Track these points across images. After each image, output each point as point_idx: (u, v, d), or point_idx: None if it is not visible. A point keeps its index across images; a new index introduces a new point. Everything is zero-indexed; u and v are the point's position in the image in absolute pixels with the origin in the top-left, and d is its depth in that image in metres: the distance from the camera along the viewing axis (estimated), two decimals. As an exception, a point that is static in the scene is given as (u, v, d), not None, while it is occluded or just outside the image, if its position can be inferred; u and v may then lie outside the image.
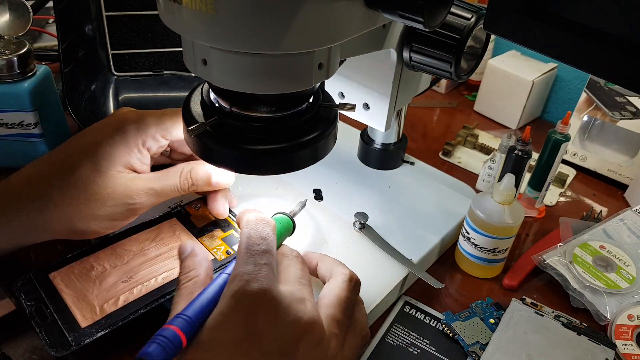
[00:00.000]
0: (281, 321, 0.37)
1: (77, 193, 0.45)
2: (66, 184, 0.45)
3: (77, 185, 0.45)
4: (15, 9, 0.60)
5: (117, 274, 0.48)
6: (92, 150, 0.46)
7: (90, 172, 0.45)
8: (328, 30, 0.34)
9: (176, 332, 0.36)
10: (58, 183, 0.45)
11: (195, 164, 0.51)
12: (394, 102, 0.53)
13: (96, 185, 0.45)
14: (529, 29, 0.33)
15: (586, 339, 0.50)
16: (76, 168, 0.45)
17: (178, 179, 0.49)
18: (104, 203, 0.46)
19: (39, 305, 0.45)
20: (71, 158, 0.46)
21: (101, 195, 0.45)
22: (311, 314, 0.39)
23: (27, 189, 0.45)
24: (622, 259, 0.58)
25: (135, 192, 0.47)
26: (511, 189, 0.53)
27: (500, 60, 0.84)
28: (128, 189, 0.47)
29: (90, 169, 0.45)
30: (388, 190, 0.62)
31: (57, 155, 0.47)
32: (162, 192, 0.49)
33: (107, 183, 0.46)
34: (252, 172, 0.42)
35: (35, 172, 0.46)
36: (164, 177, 0.49)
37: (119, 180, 0.46)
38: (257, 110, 0.39)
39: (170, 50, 0.75)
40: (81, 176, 0.45)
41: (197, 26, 0.32)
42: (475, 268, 0.57)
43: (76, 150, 0.47)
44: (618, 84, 0.36)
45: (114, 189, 0.46)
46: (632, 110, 0.71)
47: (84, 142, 0.47)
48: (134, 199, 0.47)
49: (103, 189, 0.45)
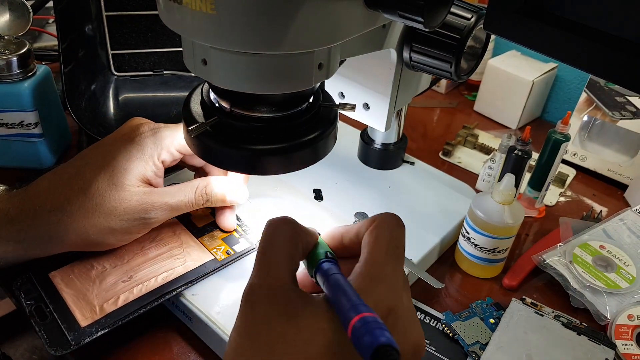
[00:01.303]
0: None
1: (94, 206, 0.45)
2: (83, 197, 0.45)
3: (94, 199, 0.45)
4: (15, 9, 0.60)
5: (117, 273, 0.48)
6: (108, 164, 0.46)
7: (106, 186, 0.45)
8: (328, 30, 0.34)
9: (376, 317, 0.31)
10: (75, 196, 0.45)
11: (210, 180, 0.51)
12: (394, 102, 0.53)
13: (112, 199, 0.45)
14: (529, 29, 0.33)
15: (586, 339, 0.50)
16: (92, 181, 0.45)
17: (193, 195, 0.50)
18: (120, 217, 0.46)
19: (39, 304, 0.45)
20: (87, 171, 0.46)
21: (117, 209, 0.46)
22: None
23: (45, 202, 0.45)
24: (622, 259, 0.58)
25: (150, 206, 0.47)
26: (511, 189, 0.53)
27: (500, 60, 0.84)
28: (144, 203, 0.47)
29: (106, 183, 0.46)
30: (388, 190, 0.62)
31: (73, 167, 0.47)
32: (177, 207, 0.49)
33: (123, 197, 0.46)
34: (252, 172, 0.42)
35: (52, 184, 0.46)
36: (179, 192, 0.49)
37: (135, 194, 0.46)
38: (257, 110, 0.39)
39: (170, 50, 0.75)
40: (98, 190, 0.45)
41: (197, 26, 0.32)
42: (475, 268, 0.57)
43: (92, 163, 0.47)
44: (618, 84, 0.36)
45: (130, 203, 0.46)
46: (632, 110, 0.71)
47: (99, 155, 0.47)
48: (149, 214, 0.47)
49: (119, 202, 0.46)
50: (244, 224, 0.54)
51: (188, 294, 0.47)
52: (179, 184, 0.50)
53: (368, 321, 0.30)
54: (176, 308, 0.49)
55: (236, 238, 0.53)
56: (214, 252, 0.51)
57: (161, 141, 0.48)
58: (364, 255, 0.36)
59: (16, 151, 0.63)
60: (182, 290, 0.47)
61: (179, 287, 0.47)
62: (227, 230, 0.53)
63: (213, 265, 0.49)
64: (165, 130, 0.49)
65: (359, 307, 0.31)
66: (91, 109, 0.69)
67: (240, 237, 0.53)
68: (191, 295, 0.47)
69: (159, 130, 0.49)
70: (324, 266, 0.36)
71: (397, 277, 0.35)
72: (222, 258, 0.50)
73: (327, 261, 0.36)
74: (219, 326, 0.45)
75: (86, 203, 0.45)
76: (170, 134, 0.49)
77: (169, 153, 0.49)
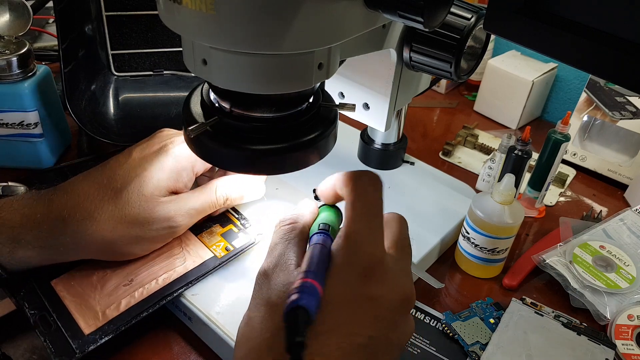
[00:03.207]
0: (392, 285, 0.36)
1: (122, 217, 0.45)
2: (112, 207, 0.45)
3: (123, 210, 0.45)
4: (15, 9, 0.60)
5: (117, 277, 0.47)
6: (141, 174, 0.46)
7: (136, 197, 0.45)
8: (328, 30, 0.34)
9: (314, 284, 0.34)
10: (105, 206, 0.45)
11: (227, 179, 0.51)
12: (394, 102, 0.53)
13: (141, 209, 0.45)
14: (529, 29, 0.33)
15: (586, 339, 0.50)
16: (122, 192, 0.45)
17: (214, 195, 0.50)
18: (149, 227, 0.46)
19: (43, 313, 0.45)
20: (118, 179, 0.46)
21: (145, 220, 0.46)
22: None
23: (74, 210, 0.45)
24: (622, 259, 0.58)
25: (178, 214, 0.47)
26: (511, 188, 0.53)
27: (500, 60, 0.84)
28: (171, 211, 0.47)
29: (136, 193, 0.45)
30: (388, 190, 0.62)
31: (105, 174, 0.47)
32: (201, 210, 0.49)
33: (152, 208, 0.46)
34: (252, 172, 0.42)
35: (83, 192, 0.46)
36: (201, 195, 0.49)
37: (164, 205, 0.47)
38: (257, 110, 0.39)
39: (170, 50, 0.75)
40: (128, 200, 0.45)
41: (197, 26, 0.32)
42: (475, 268, 0.57)
43: (124, 171, 0.46)
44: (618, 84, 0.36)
45: (159, 214, 0.46)
46: (632, 110, 0.71)
47: (130, 165, 0.47)
48: (177, 222, 0.47)
49: (148, 213, 0.46)
50: (242, 217, 0.54)
51: (188, 294, 0.47)
52: (196, 188, 0.50)
53: (305, 286, 0.33)
54: (176, 308, 0.49)
55: (235, 233, 0.53)
56: (213, 249, 0.51)
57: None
58: (344, 219, 0.39)
59: (16, 151, 0.63)
60: (182, 291, 0.47)
61: (180, 289, 0.47)
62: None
63: (213, 263, 0.49)
64: None
65: (307, 274, 0.34)
66: (91, 109, 0.69)
67: (239, 232, 0.53)
68: (191, 296, 0.47)
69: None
70: (311, 239, 0.40)
71: (374, 233, 0.38)
72: (221, 255, 0.50)
73: (317, 233, 0.40)
74: (219, 326, 0.45)
75: (115, 213, 0.45)
76: None
77: (202, 163, 0.49)
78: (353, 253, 0.36)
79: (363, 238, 0.37)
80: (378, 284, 0.35)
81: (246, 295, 0.47)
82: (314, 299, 0.33)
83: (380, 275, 0.36)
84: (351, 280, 0.35)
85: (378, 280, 0.36)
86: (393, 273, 0.37)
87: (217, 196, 0.50)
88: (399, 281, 0.37)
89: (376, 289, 0.35)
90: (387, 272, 0.36)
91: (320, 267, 0.36)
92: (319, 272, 0.35)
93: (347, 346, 0.33)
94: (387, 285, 0.36)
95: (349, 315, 0.34)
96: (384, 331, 0.35)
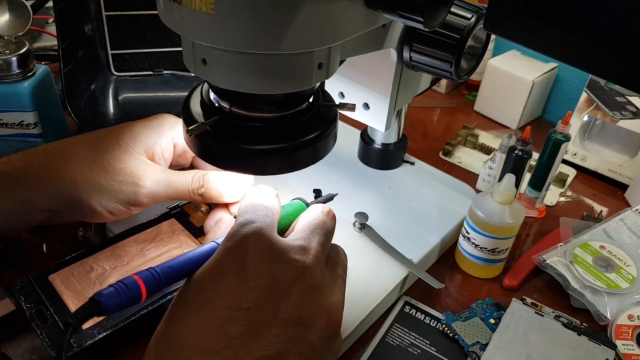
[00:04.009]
0: (273, 260, 0.37)
1: (90, 158, 0.46)
2: (85, 148, 0.46)
3: (93, 152, 0.46)
4: (15, 9, 0.60)
5: (117, 274, 0.47)
6: (122, 129, 0.48)
7: (110, 144, 0.47)
8: (328, 30, 0.34)
9: (137, 281, 0.37)
10: (76, 146, 0.47)
11: (211, 172, 0.50)
12: (394, 102, 0.53)
13: (112, 156, 0.46)
14: (529, 28, 0.33)
15: (586, 339, 0.50)
16: (100, 138, 0.47)
17: (190, 178, 0.49)
18: (113, 177, 0.46)
19: (39, 307, 0.44)
20: (101, 132, 0.48)
21: (113, 167, 0.46)
22: (306, 261, 0.38)
23: (43, 148, 0.47)
24: (623, 259, 0.58)
25: (146, 174, 0.47)
26: (511, 189, 0.53)
27: (501, 60, 0.84)
28: (140, 168, 0.47)
29: (113, 142, 0.47)
30: (388, 190, 0.62)
31: (84, 134, 0.49)
32: (172, 184, 0.48)
33: (122, 157, 0.46)
34: (251, 172, 0.42)
35: (70, 140, 0.48)
36: (177, 173, 0.49)
37: (135, 159, 0.47)
38: (257, 110, 0.39)
39: (170, 50, 0.75)
40: (102, 145, 0.47)
41: (197, 26, 0.32)
42: (475, 268, 0.57)
43: (110, 129, 0.49)
44: (618, 84, 0.36)
45: (127, 165, 0.46)
46: (633, 110, 0.71)
47: (117, 126, 0.49)
48: (142, 181, 0.47)
49: (117, 161, 0.46)
50: None
51: (188, 294, 0.47)
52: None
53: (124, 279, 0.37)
54: (176, 308, 0.48)
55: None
56: (213, 252, 0.51)
57: (180, 129, 0.49)
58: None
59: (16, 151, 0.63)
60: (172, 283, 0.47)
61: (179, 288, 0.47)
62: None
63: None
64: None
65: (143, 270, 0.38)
66: (91, 108, 0.69)
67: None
68: (191, 296, 0.47)
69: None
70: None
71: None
72: (221, 258, 0.50)
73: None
74: (218, 326, 0.45)
75: (87, 156, 0.46)
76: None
77: (184, 143, 0.48)
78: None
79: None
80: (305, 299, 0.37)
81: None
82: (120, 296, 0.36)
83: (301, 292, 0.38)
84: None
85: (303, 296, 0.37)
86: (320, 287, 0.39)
87: (192, 179, 0.49)
88: (328, 295, 0.39)
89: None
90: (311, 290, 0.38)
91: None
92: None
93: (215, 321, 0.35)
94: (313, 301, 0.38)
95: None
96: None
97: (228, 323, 0.34)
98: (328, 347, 0.38)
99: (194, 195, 0.49)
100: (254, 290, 0.36)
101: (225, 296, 0.36)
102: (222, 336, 0.34)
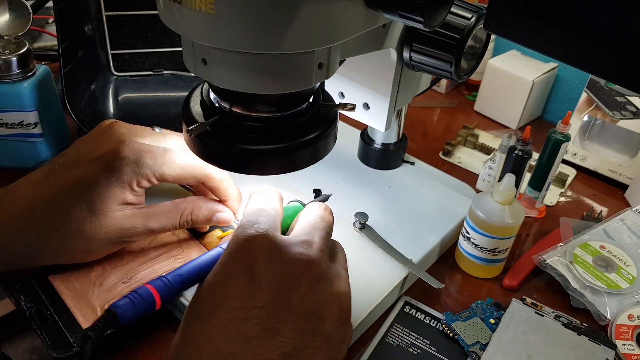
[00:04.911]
0: (279, 257, 0.38)
1: (72, 233, 0.43)
2: (59, 224, 0.43)
3: (72, 226, 0.43)
4: (15, 9, 0.60)
5: (117, 275, 0.47)
6: (84, 191, 0.44)
7: (85, 214, 0.43)
8: (328, 30, 0.34)
9: (151, 290, 0.38)
10: (50, 224, 0.43)
11: (195, 204, 0.49)
12: (394, 102, 0.53)
13: (92, 225, 0.44)
14: (529, 28, 0.33)
15: (586, 339, 0.50)
16: (69, 208, 0.43)
17: (178, 221, 0.48)
18: (101, 241, 0.45)
19: (39, 307, 0.44)
20: (62, 197, 0.44)
21: (97, 235, 0.44)
22: (311, 254, 0.39)
23: (20, 225, 0.43)
24: (623, 259, 0.58)
25: (132, 231, 0.46)
26: (511, 189, 0.53)
27: (501, 60, 0.84)
28: (125, 228, 0.45)
29: (85, 211, 0.43)
30: (388, 190, 0.62)
31: (47, 189, 0.44)
32: (159, 230, 0.48)
33: (103, 223, 0.44)
34: (251, 172, 0.42)
35: (27, 205, 0.44)
36: (163, 216, 0.47)
37: (116, 219, 0.45)
38: (257, 110, 0.39)
39: (170, 50, 0.75)
40: (76, 217, 0.43)
41: (197, 26, 0.32)
42: (475, 268, 0.57)
43: (67, 186, 0.44)
44: (618, 84, 0.36)
45: (110, 229, 0.45)
46: (633, 110, 0.71)
47: (75, 178, 0.44)
48: (130, 237, 0.46)
49: (99, 228, 0.44)
50: None
51: (188, 294, 0.47)
52: (162, 203, 0.48)
53: (135, 290, 0.40)
54: (176, 308, 0.48)
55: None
56: (213, 252, 0.51)
57: (142, 169, 0.45)
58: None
59: (16, 151, 0.63)
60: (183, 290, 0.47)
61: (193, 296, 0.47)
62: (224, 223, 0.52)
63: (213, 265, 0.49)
64: (148, 158, 0.46)
65: (155, 279, 0.40)
66: (91, 108, 0.69)
67: (240, 237, 0.53)
68: (191, 296, 0.47)
69: (143, 156, 0.46)
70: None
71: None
72: (222, 258, 0.50)
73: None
74: (218, 326, 0.45)
75: (63, 230, 0.43)
76: (153, 162, 0.46)
77: (148, 182, 0.46)
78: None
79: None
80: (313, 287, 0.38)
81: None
82: (136, 306, 0.39)
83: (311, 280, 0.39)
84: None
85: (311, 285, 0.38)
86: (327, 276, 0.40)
87: (181, 222, 0.48)
88: (335, 283, 0.40)
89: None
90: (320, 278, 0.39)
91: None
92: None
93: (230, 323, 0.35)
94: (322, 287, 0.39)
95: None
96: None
97: (243, 323, 0.35)
98: (342, 337, 0.39)
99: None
100: (265, 289, 0.36)
101: (237, 298, 0.36)
102: (238, 337, 0.34)
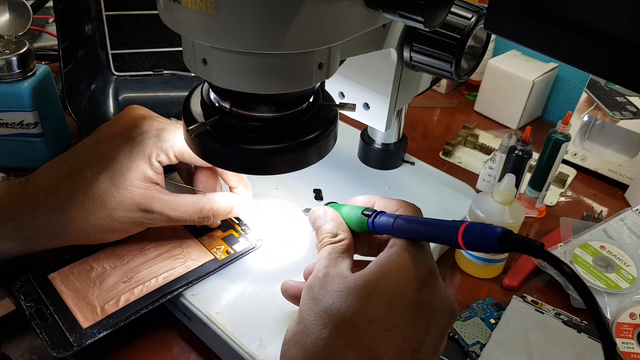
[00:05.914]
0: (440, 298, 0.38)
1: (94, 207, 0.45)
2: (83, 197, 0.44)
3: (94, 199, 0.45)
4: (15, 9, 0.60)
5: (117, 274, 0.47)
6: (108, 164, 0.45)
7: (108, 187, 0.45)
8: (328, 30, 0.34)
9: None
10: (75, 196, 0.44)
11: (214, 201, 0.50)
12: (394, 102, 0.53)
13: (114, 200, 0.45)
14: (529, 29, 0.32)
15: (586, 337, 0.50)
16: (93, 181, 0.45)
17: (197, 215, 0.49)
18: (122, 219, 0.46)
19: (39, 306, 0.44)
20: (87, 170, 0.45)
21: (118, 210, 0.45)
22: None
23: (44, 202, 0.44)
24: (623, 259, 0.58)
25: (151, 211, 0.46)
26: (511, 189, 0.53)
27: (501, 60, 0.84)
28: (144, 208, 0.46)
29: (107, 184, 0.45)
30: (388, 190, 0.62)
31: (72, 165, 0.46)
32: (176, 220, 0.48)
33: (125, 198, 0.45)
34: (251, 172, 0.42)
35: (52, 182, 0.45)
36: (182, 208, 0.48)
37: (136, 197, 0.46)
38: (257, 109, 0.39)
39: (170, 50, 0.75)
40: (99, 191, 0.45)
41: (197, 26, 0.32)
42: (475, 268, 0.57)
43: (91, 162, 0.46)
44: (618, 84, 0.36)
45: (131, 206, 0.46)
46: (633, 110, 0.71)
47: (99, 153, 0.46)
48: (148, 220, 0.47)
49: (120, 204, 0.45)
50: (243, 223, 0.54)
51: (188, 294, 0.47)
52: (183, 194, 0.49)
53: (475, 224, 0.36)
54: (176, 308, 0.49)
55: (236, 238, 0.53)
56: (214, 251, 0.51)
57: (163, 143, 0.47)
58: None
59: (16, 151, 0.63)
60: (183, 290, 0.47)
61: (180, 287, 0.47)
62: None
63: (213, 265, 0.49)
64: (168, 134, 0.48)
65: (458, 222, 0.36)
66: (91, 108, 0.68)
67: (240, 236, 0.53)
68: (191, 296, 0.47)
69: (163, 131, 0.48)
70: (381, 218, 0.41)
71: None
72: (222, 258, 0.50)
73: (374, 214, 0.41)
74: (218, 326, 0.45)
75: (86, 203, 0.44)
76: (172, 137, 0.48)
77: (167, 157, 0.48)
78: (416, 258, 0.38)
79: (426, 247, 0.39)
80: (431, 293, 0.37)
81: (246, 295, 0.48)
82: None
83: (433, 285, 0.37)
84: (411, 284, 0.36)
85: (431, 290, 0.37)
86: (442, 285, 0.39)
87: (199, 218, 0.49)
88: (446, 294, 0.38)
89: (430, 298, 0.37)
90: (438, 283, 0.38)
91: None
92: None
93: (401, 347, 0.34)
94: (438, 296, 0.37)
95: (408, 318, 0.35)
96: (433, 338, 0.36)
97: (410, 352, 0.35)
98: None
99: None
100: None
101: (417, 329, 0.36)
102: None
